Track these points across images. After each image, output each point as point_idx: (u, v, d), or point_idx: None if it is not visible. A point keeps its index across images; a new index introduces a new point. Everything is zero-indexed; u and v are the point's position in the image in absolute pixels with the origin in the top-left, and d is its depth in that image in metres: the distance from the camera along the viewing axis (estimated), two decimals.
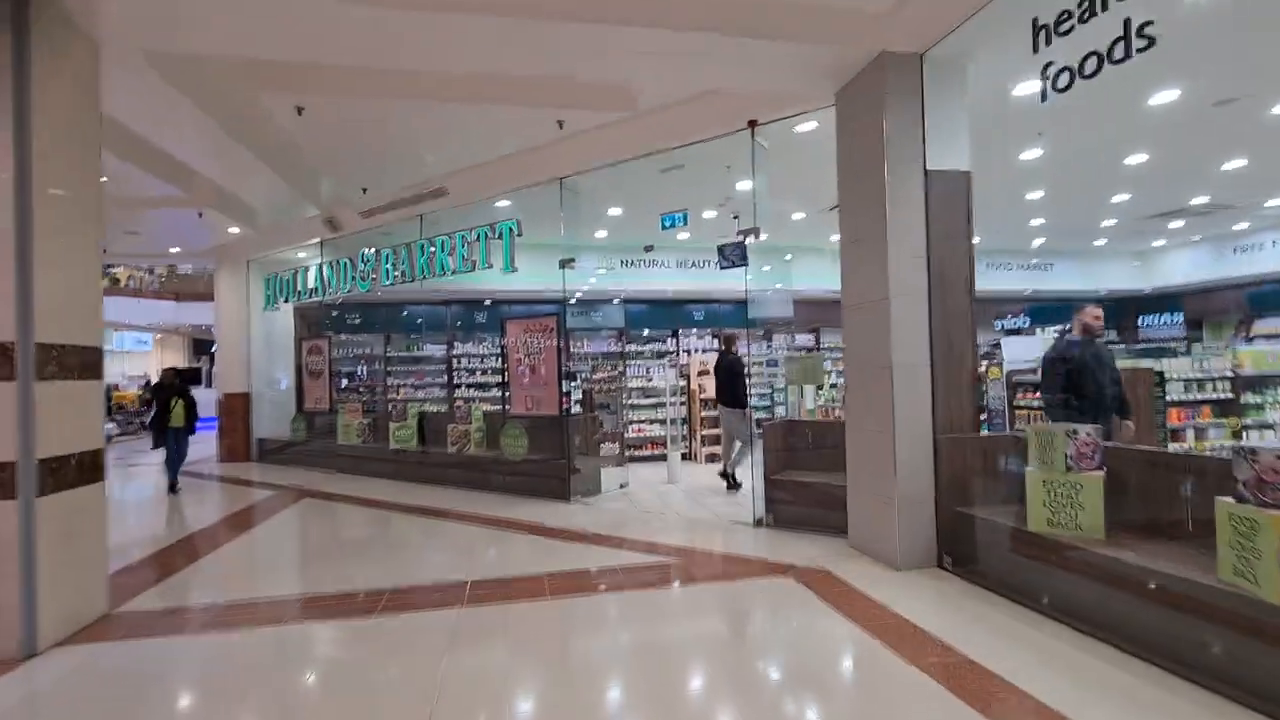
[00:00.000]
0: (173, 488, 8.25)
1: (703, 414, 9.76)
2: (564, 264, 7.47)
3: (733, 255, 8.95)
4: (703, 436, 9.80)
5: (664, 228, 7.06)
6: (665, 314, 12.78)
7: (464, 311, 12.12)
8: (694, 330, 13.06)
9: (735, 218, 9.20)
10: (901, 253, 4.46)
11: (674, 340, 12.82)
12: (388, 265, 8.92)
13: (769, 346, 12.21)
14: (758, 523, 5.75)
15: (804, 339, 13.05)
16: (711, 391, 9.97)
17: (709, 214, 9.25)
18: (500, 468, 7.78)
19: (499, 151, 7.08)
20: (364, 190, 7.93)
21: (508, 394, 8.12)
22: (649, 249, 8.33)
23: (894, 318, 4.42)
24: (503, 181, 7.62)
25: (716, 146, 6.26)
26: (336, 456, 9.88)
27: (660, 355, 12.65)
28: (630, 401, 10.78)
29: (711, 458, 9.75)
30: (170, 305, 21.41)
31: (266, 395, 11.79)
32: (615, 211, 9.24)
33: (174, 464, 8.32)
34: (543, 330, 7.72)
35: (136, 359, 24.09)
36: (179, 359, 24.27)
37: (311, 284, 10.15)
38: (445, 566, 4.77)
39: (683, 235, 10.58)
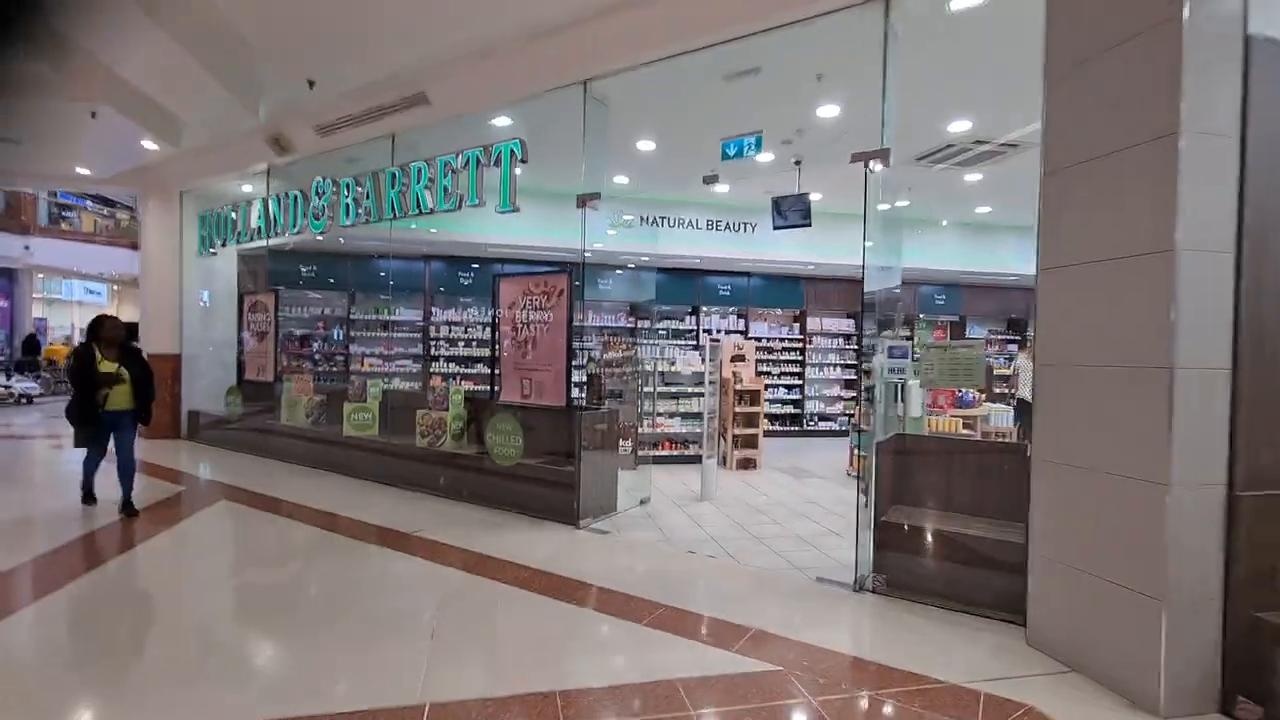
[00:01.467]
0: (127, 507, 5.25)
1: (736, 409, 7.90)
2: (584, 201, 5.51)
3: (792, 211, 7.05)
4: (735, 437, 7.95)
5: (726, 157, 5.10)
6: (683, 287, 10.84)
7: (446, 270, 10.09)
8: (716, 308, 11.16)
9: (796, 163, 7.27)
10: (1196, 174, 2.58)
11: (693, 318, 10.91)
12: (348, 199, 6.89)
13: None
14: (860, 586, 3.93)
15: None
16: (749, 381, 8.11)
17: (764, 156, 7.29)
18: (485, 470, 5.88)
19: (498, 37, 5.08)
20: (311, 84, 5.86)
21: (498, 375, 6.21)
22: (711, 179, 6.34)
23: (1179, 284, 2.56)
24: (503, 85, 5.61)
25: (810, 40, 4.33)
26: (279, 439, 7.90)
27: (676, 335, 10.75)
28: (645, 390, 8.91)
29: (745, 464, 7.92)
30: (126, 254, 19.10)
31: (203, 359, 9.75)
32: (646, 146, 7.24)
33: (125, 475, 5.29)
34: (547, 294, 5.78)
35: (90, 310, 21.75)
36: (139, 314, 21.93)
37: (255, 223, 8.08)
38: (386, 665, 2.88)
39: (720, 188, 8.63)
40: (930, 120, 6.03)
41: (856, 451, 7.64)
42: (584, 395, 6.80)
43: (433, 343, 9.88)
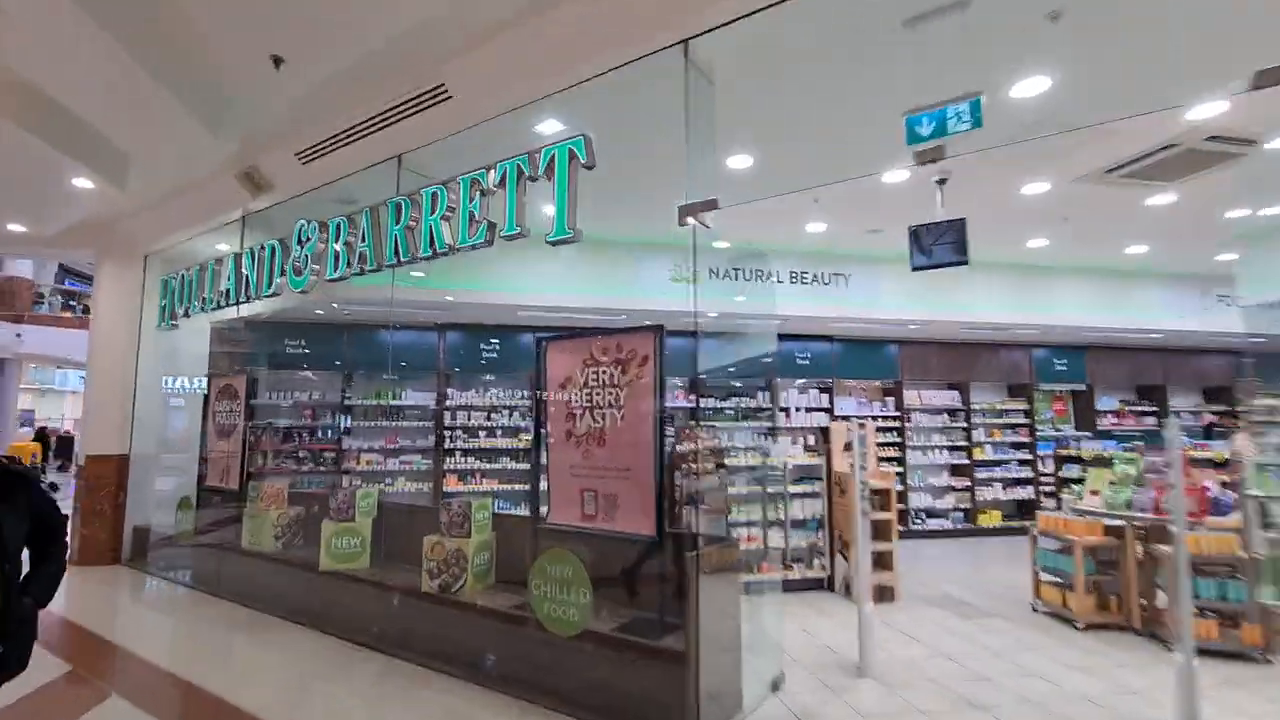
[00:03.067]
0: None
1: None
2: (691, 213, 3.65)
3: (940, 245, 5.17)
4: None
5: (917, 139, 3.21)
6: (756, 354, 8.87)
7: (465, 342, 8.21)
8: (796, 381, 9.13)
9: (940, 182, 5.44)
10: None
11: (766, 394, 8.87)
12: (337, 246, 5.08)
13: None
14: None
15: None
16: (875, 477, 5.98)
17: (891, 176, 5.48)
18: (529, 638, 3.74)
19: None
20: (277, 63, 4.15)
21: (544, 482, 4.19)
22: (934, 151, 4.54)
23: None
24: (558, 59, 3.85)
25: None
26: (239, 568, 5.80)
27: (747, 415, 8.68)
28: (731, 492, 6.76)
29: (880, 593, 5.65)
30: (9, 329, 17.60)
31: (160, 461, 7.78)
32: (740, 162, 5.44)
33: None
34: (623, 363, 3.86)
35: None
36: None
37: (224, 284, 6.29)
38: None
39: (815, 226, 6.81)
40: (1167, 91, 4.19)
41: (1039, 572, 5.42)
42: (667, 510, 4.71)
43: (448, 433, 7.87)
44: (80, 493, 7.32)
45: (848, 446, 6.12)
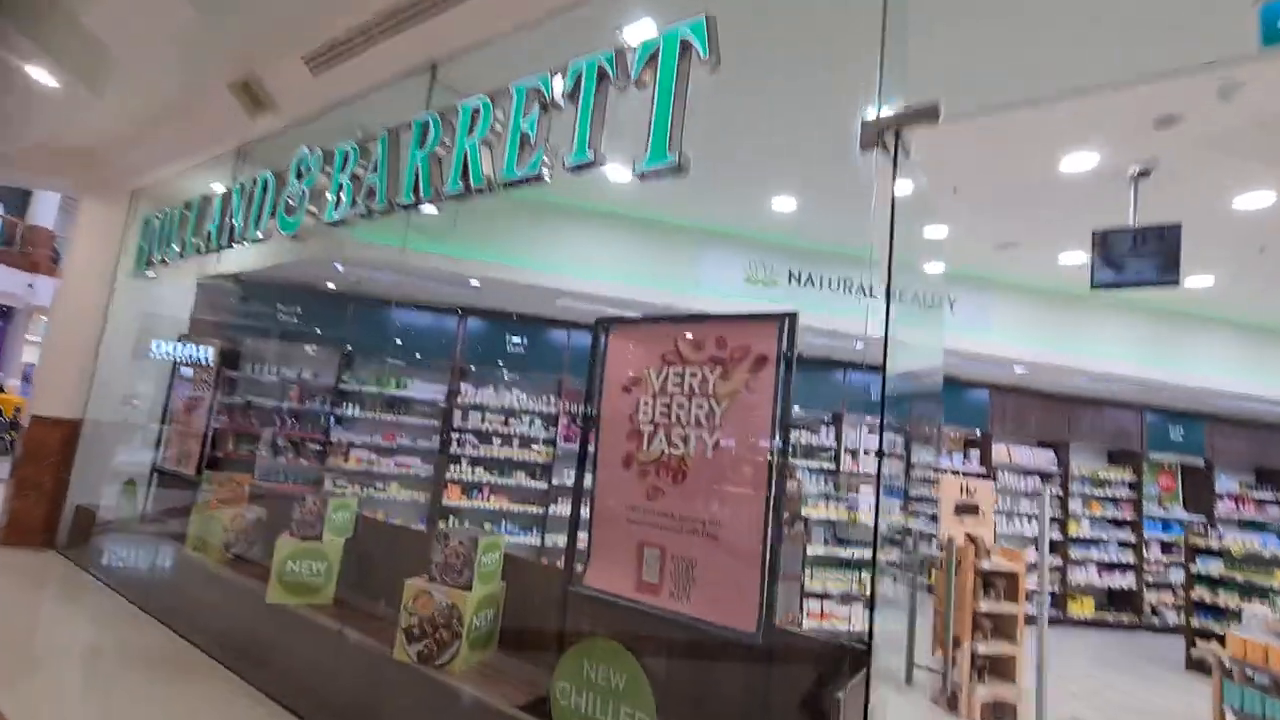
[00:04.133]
0: None
1: (982, 605, 4.35)
2: (883, 132, 2.37)
3: (1138, 258, 3.91)
4: (978, 656, 4.34)
5: (1273, 40, 1.96)
6: (821, 382, 7.53)
7: (487, 332, 7.00)
8: (866, 418, 7.79)
9: (1141, 175, 4.14)
10: None
11: (830, 430, 7.52)
12: (342, 177, 3.89)
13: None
14: None
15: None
16: (998, 556, 4.63)
17: (1086, 158, 4.19)
18: None
19: None
20: None
21: (589, 525, 2.92)
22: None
23: None
24: None
25: None
26: (177, 578, 4.59)
27: (808, 454, 7.33)
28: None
29: (998, 712, 4.25)
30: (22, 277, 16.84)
31: (121, 430, 6.63)
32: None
33: None
34: (724, 363, 2.59)
35: None
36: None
37: (209, 225, 5.15)
38: None
39: (934, 231, 5.53)
40: None
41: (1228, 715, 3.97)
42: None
43: (456, 435, 6.62)
44: (18, 460, 6.17)
45: (963, 509, 4.77)
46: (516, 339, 6.84)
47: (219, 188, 5.77)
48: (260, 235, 4.53)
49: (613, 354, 2.97)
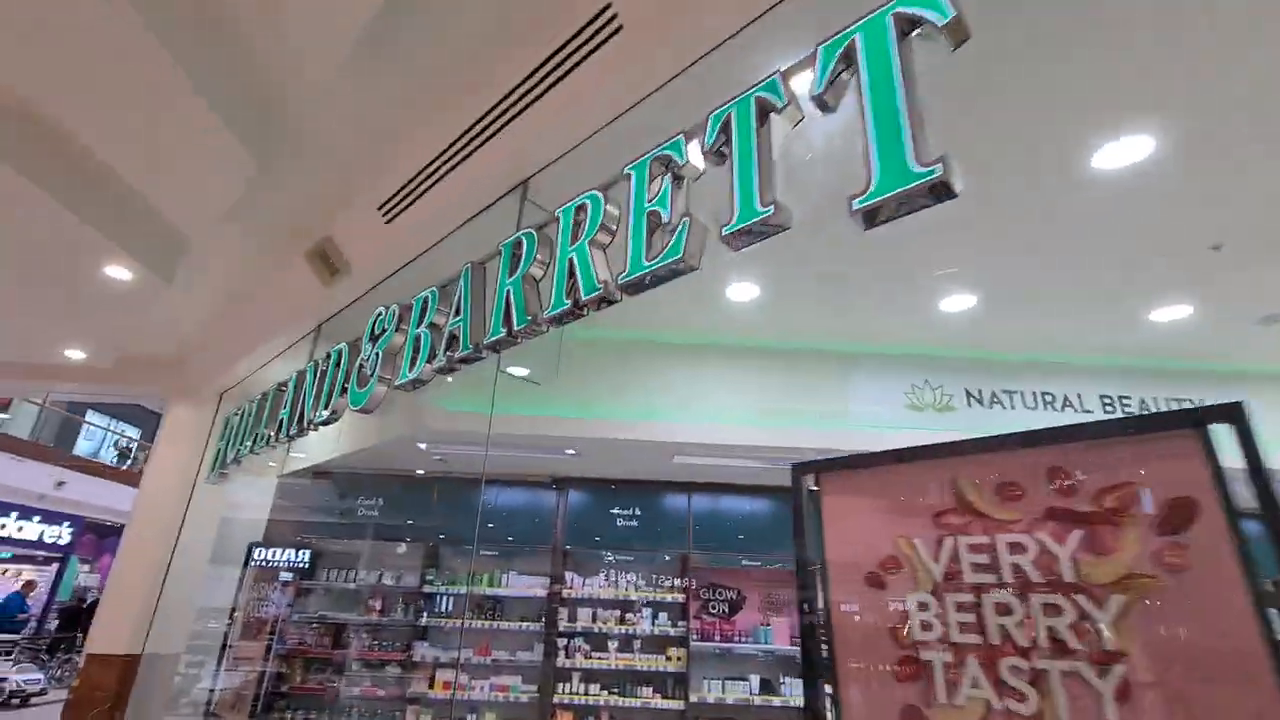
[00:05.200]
0: None
1: None
2: None
3: None
4: None
5: None
6: None
7: (591, 504, 5.88)
8: None
9: None
10: None
11: None
12: (419, 329, 3.16)
13: None
14: None
15: None
16: None
17: None
18: None
19: None
20: None
21: None
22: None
23: None
24: None
25: None
26: None
27: None
28: None
29: None
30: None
31: (174, 665, 5.72)
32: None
33: None
34: (1085, 516, 1.32)
35: None
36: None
37: (281, 412, 4.55)
38: None
39: (1173, 312, 4.21)
40: None
41: None
42: None
43: (564, 642, 5.26)
44: (67, 715, 5.27)
45: None
46: (626, 511, 5.69)
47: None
48: (326, 414, 3.80)
49: (834, 520, 1.79)
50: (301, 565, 5.51)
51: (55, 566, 16.67)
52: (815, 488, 1.85)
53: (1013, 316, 4.22)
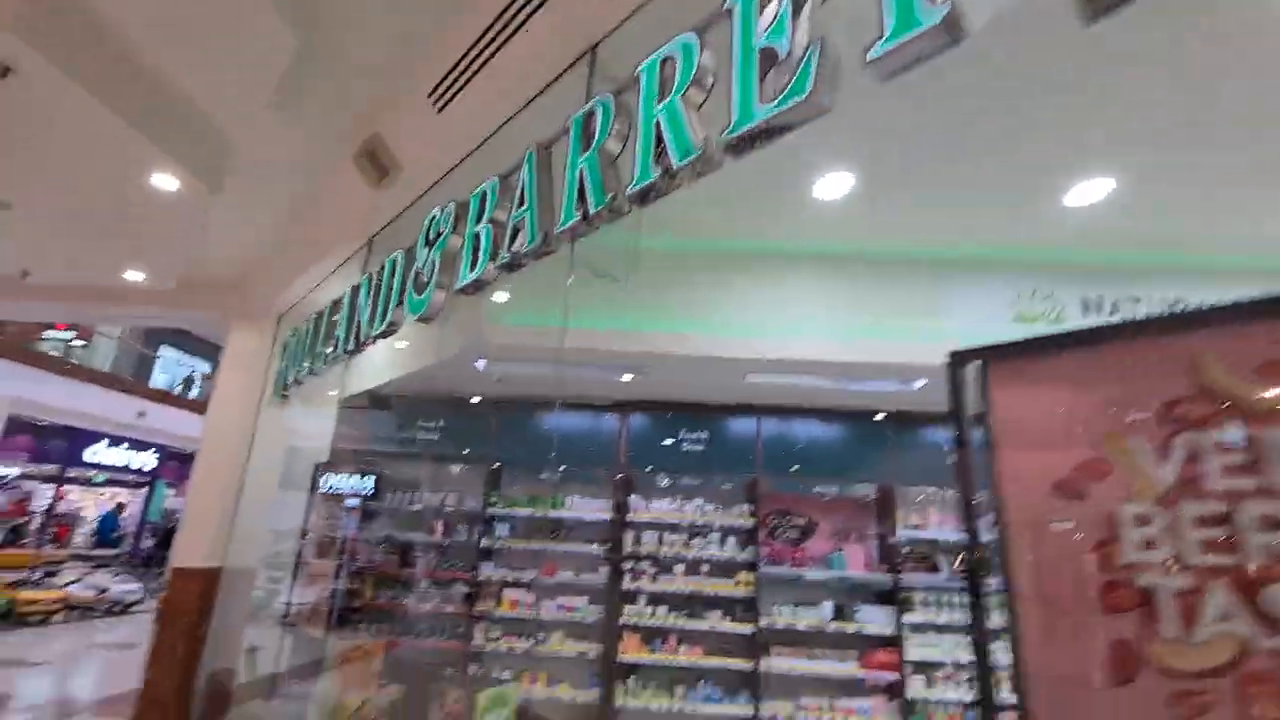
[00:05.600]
0: None
1: None
2: None
3: None
4: None
5: None
6: None
7: (653, 429, 5.65)
8: None
9: None
10: None
11: None
12: (477, 227, 2.84)
13: None
14: None
15: None
16: None
17: None
18: None
19: None
20: None
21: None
22: None
23: None
24: None
25: None
26: None
27: None
28: None
29: None
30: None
31: (253, 579, 5.92)
32: None
33: None
34: None
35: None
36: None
37: (338, 330, 4.39)
38: None
39: None
40: None
41: None
42: None
43: (629, 565, 5.16)
44: (159, 622, 5.53)
45: None
46: (694, 435, 5.45)
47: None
48: (383, 326, 3.60)
49: (1009, 418, 1.44)
50: (366, 491, 5.51)
51: (144, 490, 17.88)
52: (985, 368, 1.49)
53: (1146, 211, 3.63)
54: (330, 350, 4.41)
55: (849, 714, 4.76)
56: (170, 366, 20.42)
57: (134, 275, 5.61)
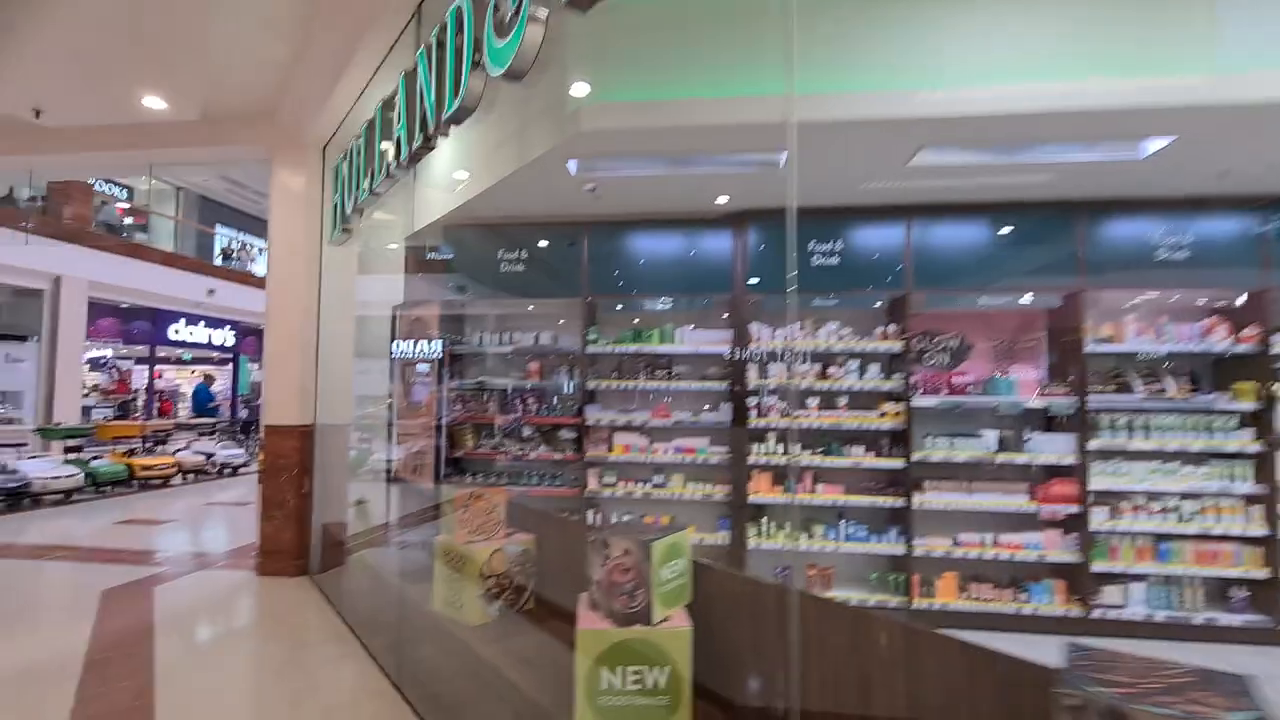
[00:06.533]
0: None
1: None
2: None
3: None
4: None
5: None
6: None
7: (784, 239, 4.68)
8: None
9: None
10: None
11: None
12: None
13: None
14: None
15: None
16: None
17: None
18: None
19: None
20: None
21: None
22: None
23: None
24: None
25: None
26: (424, 653, 3.11)
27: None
28: None
29: None
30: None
31: (347, 435, 5.65)
32: None
33: None
34: None
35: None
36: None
37: (397, 129, 3.53)
38: None
39: None
40: None
41: None
42: None
43: (755, 401, 4.51)
44: (263, 479, 5.38)
45: None
46: (826, 246, 4.50)
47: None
48: (457, 103, 2.72)
49: None
50: (451, 337, 4.94)
51: (230, 366, 18.54)
52: None
53: None
54: (391, 151, 3.59)
55: (1015, 549, 4.20)
56: (241, 257, 20.36)
57: (154, 102, 4.81)
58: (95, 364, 16.35)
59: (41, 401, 13.02)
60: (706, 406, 4.75)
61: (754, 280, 4.60)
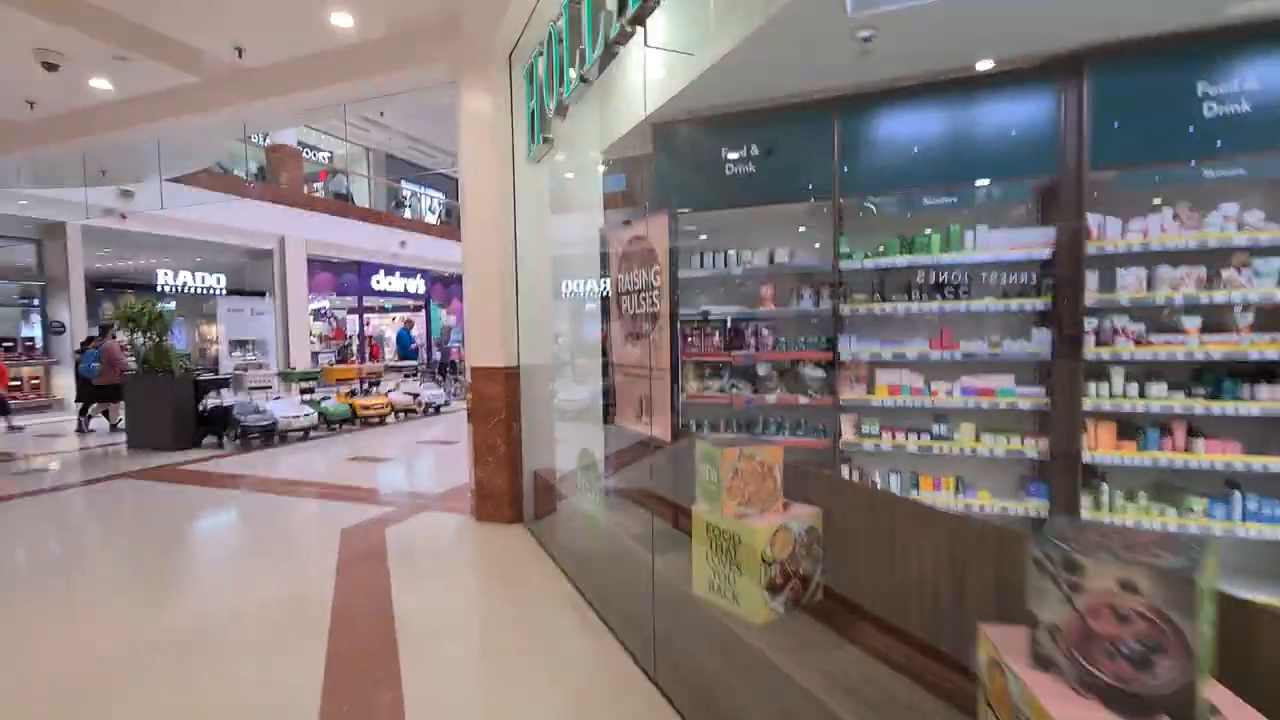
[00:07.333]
0: None
1: None
2: None
3: None
4: None
5: None
6: None
7: (1141, 91, 3.22)
8: None
9: None
10: None
11: None
12: None
13: None
14: None
15: None
16: None
17: None
18: None
19: None
20: None
21: None
22: None
23: None
24: None
25: None
26: (686, 646, 2.45)
27: None
28: None
29: None
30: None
31: (550, 377, 5.25)
32: None
33: None
34: None
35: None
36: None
37: (584, 21, 2.69)
38: None
39: None
40: None
41: None
42: None
43: (1092, 323, 3.24)
44: (472, 421, 5.16)
45: None
46: (1214, 90, 2.99)
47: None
48: None
49: None
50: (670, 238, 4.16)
51: (422, 313, 19.94)
52: None
53: None
54: (593, 41, 2.78)
55: None
56: (412, 202, 21.63)
57: (341, 19, 4.46)
58: (317, 314, 18.34)
59: (280, 349, 14.80)
60: (1010, 335, 3.54)
61: (1096, 153, 3.21)
